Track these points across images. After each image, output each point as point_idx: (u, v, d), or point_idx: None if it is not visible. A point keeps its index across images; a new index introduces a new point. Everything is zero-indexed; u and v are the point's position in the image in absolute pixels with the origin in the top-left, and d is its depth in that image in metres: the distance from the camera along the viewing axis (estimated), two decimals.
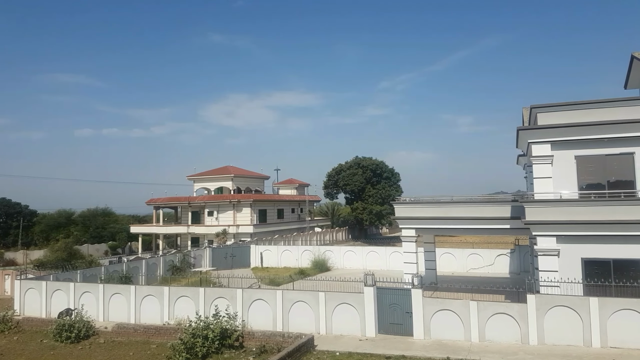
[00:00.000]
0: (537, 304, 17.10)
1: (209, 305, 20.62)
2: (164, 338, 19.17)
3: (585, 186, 20.20)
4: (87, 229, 71.57)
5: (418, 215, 24.75)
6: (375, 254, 39.29)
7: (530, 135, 20.97)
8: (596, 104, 20.63)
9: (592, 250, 18.81)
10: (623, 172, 19.82)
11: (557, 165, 20.35)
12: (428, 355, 16.27)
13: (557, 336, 16.87)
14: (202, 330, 17.14)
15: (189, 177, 64.34)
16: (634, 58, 24.17)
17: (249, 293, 21.07)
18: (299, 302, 20.07)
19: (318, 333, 19.25)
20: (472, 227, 23.92)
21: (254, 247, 42.96)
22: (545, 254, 19.25)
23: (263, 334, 18.62)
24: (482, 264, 34.85)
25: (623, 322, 16.27)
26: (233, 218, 55.95)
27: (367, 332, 18.97)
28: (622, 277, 17.84)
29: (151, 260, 36.29)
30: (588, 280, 18.40)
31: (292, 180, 74.26)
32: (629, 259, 18.39)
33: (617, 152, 19.83)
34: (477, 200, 24.50)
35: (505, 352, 16.35)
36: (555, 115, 20.89)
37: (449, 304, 18.36)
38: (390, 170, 65.23)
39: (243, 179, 63.31)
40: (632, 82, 26.63)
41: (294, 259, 41.03)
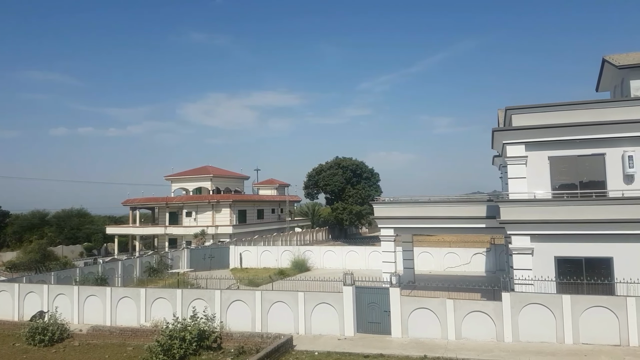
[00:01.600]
0: (512, 301, 17.43)
1: (187, 307, 20.44)
2: (141, 340, 18.94)
3: (558, 186, 20.70)
4: (62, 230, 70.14)
5: (396, 215, 25.01)
6: (355, 254, 39.54)
7: (505, 136, 21.40)
8: (569, 106, 21.15)
9: (564, 249, 19.27)
10: (594, 172, 20.37)
11: (531, 165, 20.81)
12: (406, 354, 16.45)
13: (531, 333, 17.21)
14: (179, 332, 16.99)
15: (166, 177, 63.62)
16: (605, 61, 24.88)
17: (227, 294, 20.96)
18: (278, 302, 20.06)
19: (297, 333, 19.28)
20: (449, 227, 24.31)
21: (233, 247, 42.72)
22: (519, 252, 19.66)
23: (242, 335, 18.55)
24: (459, 262, 35.37)
25: (594, 319, 16.70)
26: (212, 219, 55.53)
27: (346, 331, 19.08)
28: (594, 275, 18.35)
29: (127, 261, 35.76)
30: (561, 278, 18.85)
31: (273, 180, 74.06)
32: (600, 257, 18.91)
33: (589, 153, 20.39)
34: (453, 200, 24.89)
35: (481, 349, 16.62)
36: (529, 116, 21.36)
37: (427, 302, 18.58)
38: (370, 171, 65.65)
39: (222, 179, 62.89)
40: (603, 85, 27.40)
41: (274, 259, 40.94)
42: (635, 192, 19.31)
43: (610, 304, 16.69)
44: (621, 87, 24.54)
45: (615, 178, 20.00)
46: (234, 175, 65.80)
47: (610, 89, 27.17)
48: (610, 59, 24.00)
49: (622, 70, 23.14)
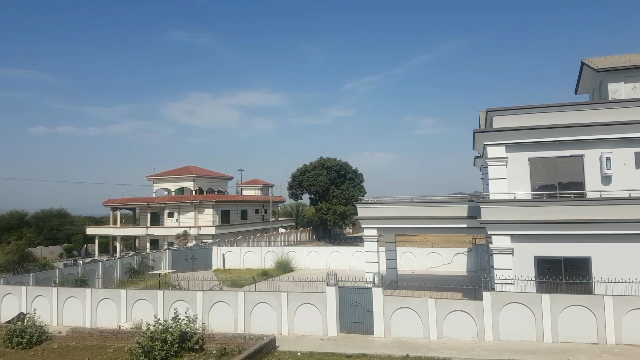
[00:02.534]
0: (493, 301, 17.66)
1: (168, 308, 20.29)
2: (121, 342, 18.72)
3: (538, 187, 21.04)
4: (41, 231, 68.88)
5: (380, 216, 25.15)
6: (339, 254, 39.66)
7: (486, 137, 21.67)
8: (548, 108, 21.53)
9: (544, 249, 19.59)
10: (573, 173, 20.76)
11: (512, 166, 21.11)
12: (388, 353, 16.54)
13: (512, 332, 17.45)
14: (160, 334, 16.83)
15: (148, 177, 62.97)
16: (583, 64, 25.37)
17: (209, 295, 20.85)
18: (261, 303, 20.02)
19: (280, 334, 19.26)
20: (431, 227, 24.54)
21: (216, 248, 42.45)
22: (500, 252, 19.92)
23: (224, 336, 18.45)
24: (441, 262, 35.71)
25: (573, 318, 17.00)
26: (194, 219, 55.12)
27: (329, 331, 19.11)
28: (572, 275, 18.69)
29: (108, 262, 35.33)
30: (540, 278, 19.14)
31: (256, 180, 73.80)
32: (579, 256, 19.26)
33: (568, 155, 20.77)
34: (436, 201, 25.12)
35: (462, 348, 16.80)
36: (509, 118, 21.67)
37: (409, 302, 18.71)
38: (354, 171, 65.88)
39: (205, 180, 62.46)
40: (582, 88, 27.93)
41: (257, 260, 40.79)
42: (612, 193, 19.72)
43: (588, 303, 17.00)
44: (599, 90, 25.05)
45: (593, 179, 20.41)
46: (217, 176, 65.40)
47: (589, 92, 27.71)
48: (589, 62, 24.49)
49: (600, 73, 23.64)
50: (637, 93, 22.75)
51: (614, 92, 23.07)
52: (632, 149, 20.10)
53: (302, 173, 64.50)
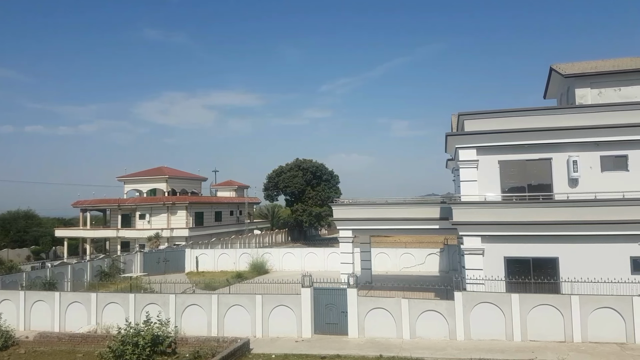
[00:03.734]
0: (464, 300, 17.97)
1: (140, 312, 20.01)
2: (91, 346, 18.36)
3: (508, 189, 21.54)
4: (7, 233, 66.95)
5: (355, 217, 25.34)
6: (314, 255, 39.69)
7: (458, 140, 22.09)
8: (518, 113, 22.09)
9: (513, 249, 20.07)
10: (542, 176, 21.33)
11: (482, 169, 21.57)
12: (362, 354, 16.65)
13: (482, 331, 17.79)
14: (132, 337, 16.55)
15: (119, 178, 61.79)
16: (552, 70, 26.07)
17: (182, 298, 20.63)
18: (235, 305, 19.91)
19: (254, 336, 19.19)
20: (405, 228, 24.90)
21: (189, 251, 41.96)
22: (471, 252, 20.32)
23: (197, 340, 18.28)
24: (414, 262, 36.16)
25: (541, 317, 17.44)
26: (167, 221, 54.38)
27: (304, 333, 19.13)
28: (541, 275, 19.19)
29: (78, 265, 34.56)
30: (510, 278, 19.58)
31: (231, 181, 73.23)
32: (547, 257, 19.80)
33: (537, 158, 21.35)
34: (409, 202, 25.46)
35: (434, 347, 17.04)
36: (480, 122, 22.14)
37: (383, 302, 18.89)
38: (330, 173, 66.08)
39: (178, 181, 61.65)
40: (550, 92, 28.70)
41: (232, 262, 40.47)
42: (579, 195, 20.33)
43: (555, 302, 17.46)
44: (567, 95, 25.79)
45: (561, 182, 21.01)
46: (190, 177, 64.65)
47: (557, 97, 28.50)
48: (557, 68, 25.19)
49: (568, 78, 24.34)
50: (602, 98, 23.50)
51: (580, 97, 23.78)
52: (598, 152, 20.77)
53: (277, 174, 64.36)
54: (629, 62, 24.35)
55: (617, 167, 20.65)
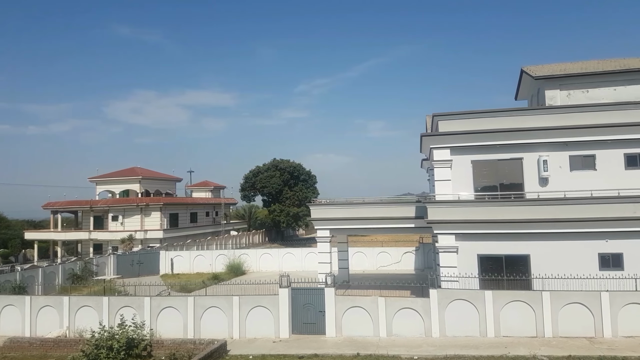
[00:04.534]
0: (439, 298, 18.28)
1: (114, 315, 19.74)
2: (64, 351, 18.01)
3: (481, 188, 22.00)
4: None
5: (332, 217, 25.47)
6: (292, 256, 39.68)
7: (432, 141, 22.45)
8: (490, 114, 22.57)
9: (486, 247, 20.50)
10: (513, 175, 21.86)
11: (456, 168, 21.97)
12: (339, 353, 16.76)
13: (457, 328, 18.11)
14: (106, 341, 16.29)
15: (90, 179, 60.53)
16: (523, 72, 26.69)
17: (157, 301, 20.40)
18: (211, 307, 19.79)
19: (231, 338, 19.11)
20: (381, 227, 25.11)
21: (164, 253, 41.39)
22: (445, 250, 20.68)
23: (173, 342, 18.11)
24: (391, 261, 36.58)
25: (513, 313, 17.86)
26: (141, 223, 53.53)
27: (281, 333, 19.15)
28: (513, 271, 19.62)
29: (49, 268, 33.77)
30: (483, 275, 20.01)
31: (207, 182, 72.51)
32: (518, 254, 20.29)
33: (508, 158, 21.87)
34: (385, 202, 25.73)
35: (410, 345, 17.27)
36: (454, 123, 22.54)
37: (360, 301, 19.06)
38: (307, 173, 66.09)
39: (152, 181, 60.73)
40: (521, 94, 29.38)
41: (208, 264, 40.12)
42: (549, 194, 20.90)
43: (527, 298, 17.91)
44: (537, 97, 26.43)
45: (531, 181, 21.56)
46: (164, 177, 63.78)
47: (528, 98, 29.18)
48: (528, 70, 25.80)
49: (538, 80, 24.95)
50: (571, 100, 24.19)
51: (550, 99, 24.41)
52: (567, 152, 21.40)
53: (254, 174, 64.08)
54: (595, 65, 25.14)
55: (585, 167, 21.30)
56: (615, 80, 23.93)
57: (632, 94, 23.51)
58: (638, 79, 23.74)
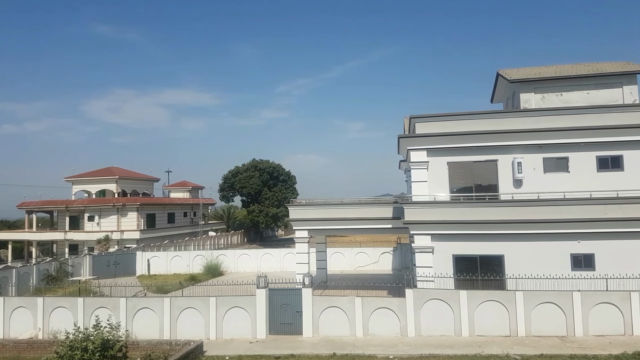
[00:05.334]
0: (415, 298, 18.48)
1: (89, 316, 19.51)
2: (38, 352, 17.74)
3: (456, 189, 22.32)
4: None
5: (311, 217, 25.52)
6: (270, 256, 39.61)
7: (409, 142, 22.68)
8: (466, 116, 22.91)
9: (461, 247, 20.80)
10: (488, 177, 22.23)
11: (432, 170, 22.26)
12: (316, 353, 16.83)
13: (432, 327, 18.35)
14: (80, 342, 16.08)
15: (67, 178, 59.43)
16: (499, 75, 27.16)
17: (133, 302, 20.20)
18: (188, 308, 19.68)
19: (208, 339, 19.03)
20: (359, 227, 25.31)
21: (141, 253, 40.92)
22: (421, 251, 20.93)
23: (149, 343, 17.96)
24: (369, 261, 36.85)
25: (488, 313, 18.16)
26: (117, 223, 52.79)
27: (258, 334, 19.13)
28: (487, 272, 19.96)
29: (23, 269, 33.04)
30: (458, 275, 20.29)
31: (185, 182, 71.87)
32: (493, 255, 20.62)
33: (483, 159, 22.22)
34: (364, 202, 25.91)
35: (386, 344, 17.42)
36: (431, 125, 22.82)
37: (337, 301, 19.17)
38: (287, 173, 66.00)
39: (129, 181, 59.90)
40: (497, 97, 29.89)
41: (185, 264, 39.78)
42: (523, 195, 21.30)
43: (501, 298, 18.22)
44: (512, 99, 26.93)
45: (506, 182, 21.94)
46: (142, 177, 62.97)
47: (504, 101, 29.69)
48: (504, 73, 26.26)
49: (514, 83, 25.43)
50: (545, 103, 24.71)
51: (525, 102, 24.89)
52: (541, 154, 21.83)
53: (234, 175, 63.73)
54: (569, 69, 25.73)
55: (558, 169, 21.76)
56: (588, 84, 24.51)
57: (604, 98, 24.12)
58: (610, 83, 24.34)
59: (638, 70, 24.15)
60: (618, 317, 17.63)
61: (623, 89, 24.07)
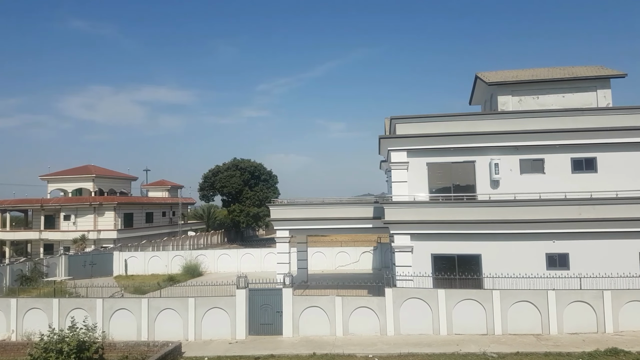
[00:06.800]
0: (394, 297, 18.65)
1: (65, 318, 19.20)
2: (10, 355, 17.41)
3: (435, 190, 22.57)
4: None
5: (292, 217, 25.50)
6: (251, 256, 39.45)
7: (390, 143, 22.86)
8: (445, 118, 23.16)
9: (440, 247, 21.04)
10: (466, 177, 22.52)
11: (412, 170, 22.47)
12: (295, 353, 16.84)
13: (411, 326, 18.52)
14: (55, 344, 15.80)
15: (42, 176, 58.24)
16: (477, 78, 27.54)
17: (110, 303, 19.92)
18: (166, 309, 19.50)
19: (187, 340, 18.88)
20: (340, 227, 25.41)
21: (118, 253, 40.36)
22: (401, 250, 21.11)
23: (126, 345, 17.76)
24: (349, 261, 37.03)
25: (465, 311, 18.41)
26: (94, 222, 51.95)
27: (238, 334, 19.05)
28: (465, 271, 20.24)
29: None
30: (437, 274, 20.52)
31: (164, 181, 71.05)
32: (470, 254, 20.91)
33: (462, 160, 22.51)
34: (345, 202, 26.01)
35: (365, 344, 17.53)
36: (411, 126, 23.04)
37: (317, 300, 19.22)
38: (268, 173, 65.77)
39: (106, 180, 58.98)
40: (475, 99, 30.30)
41: (164, 265, 39.36)
42: (500, 196, 21.65)
43: (478, 297, 18.51)
44: (490, 102, 27.34)
45: (483, 183, 22.26)
46: (119, 176, 62.04)
47: (482, 103, 30.13)
48: (482, 76, 26.65)
49: (491, 86, 25.81)
50: (522, 105, 25.15)
51: (502, 104, 25.30)
52: (517, 156, 22.19)
53: (214, 174, 63.28)
54: (545, 73, 26.23)
55: (534, 170, 22.15)
56: (564, 87, 25.02)
57: (579, 101, 24.65)
58: (585, 86, 24.86)
59: (611, 75, 24.76)
60: (591, 315, 18.06)
61: (597, 93, 24.63)
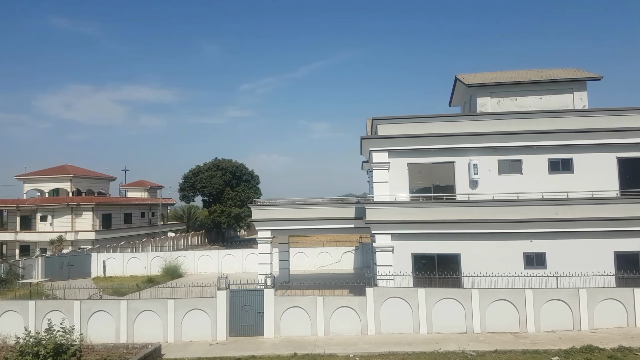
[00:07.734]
0: (375, 296, 18.75)
1: (41, 320, 18.81)
2: None
3: (416, 190, 22.81)
4: None
5: (273, 217, 25.49)
6: (232, 257, 39.24)
7: (371, 144, 23.02)
8: (425, 119, 23.43)
9: (420, 246, 21.26)
10: (446, 178, 22.81)
11: (393, 171, 22.67)
12: (277, 353, 16.81)
13: (392, 325, 18.64)
14: (32, 347, 15.48)
15: (18, 176, 57.07)
16: (457, 79, 27.87)
17: (88, 304, 19.61)
18: (145, 311, 19.26)
19: (167, 341, 18.69)
20: (322, 227, 25.49)
21: (96, 255, 39.73)
22: (382, 250, 21.27)
23: (105, 347, 17.49)
24: (331, 261, 37.16)
25: (445, 310, 18.59)
26: (71, 223, 51.08)
27: (219, 336, 18.93)
28: (445, 270, 20.48)
29: None
30: (417, 273, 20.73)
31: (143, 181, 70.20)
32: (450, 253, 21.19)
33: (441, 161, 22.79)
34: (327, 202, 26.13)
35: (346, 343, 17.59)
36: (392, 127, 23.24)
37: (298, 301, 19.20)
38: (250, 173, 65.52)
39: (84, 180, 58.04)
40: (455, 100, 30.67)
41: (143, 266, 38.92)
42: (479, 196, 21.97)
43: (458, 296, 18.72)
44: (470, 103, 27.70)
45: (462, 183, 22.58)
46: (97, 176, 61.13)
47: (461, 104, 30.50)
48: (461, 78, 26.98)
49: (471, 88, 26.14)
50: (501, 107, 25.51)
51: (481, 106, 25.64)
52: (496, 157, 22.56)
53: (195, 174, 62.77)
54: (523, 75, 26.68)
55: (512, 171, 22.54)
56: (541, 89, 25.47)
57: (556, 103, 25.12)
58: (561, 89, 25.34)
59: (587, 77, 25.28)
60: (567, 314, 18.42)
61: (573, 95, 25.14)
